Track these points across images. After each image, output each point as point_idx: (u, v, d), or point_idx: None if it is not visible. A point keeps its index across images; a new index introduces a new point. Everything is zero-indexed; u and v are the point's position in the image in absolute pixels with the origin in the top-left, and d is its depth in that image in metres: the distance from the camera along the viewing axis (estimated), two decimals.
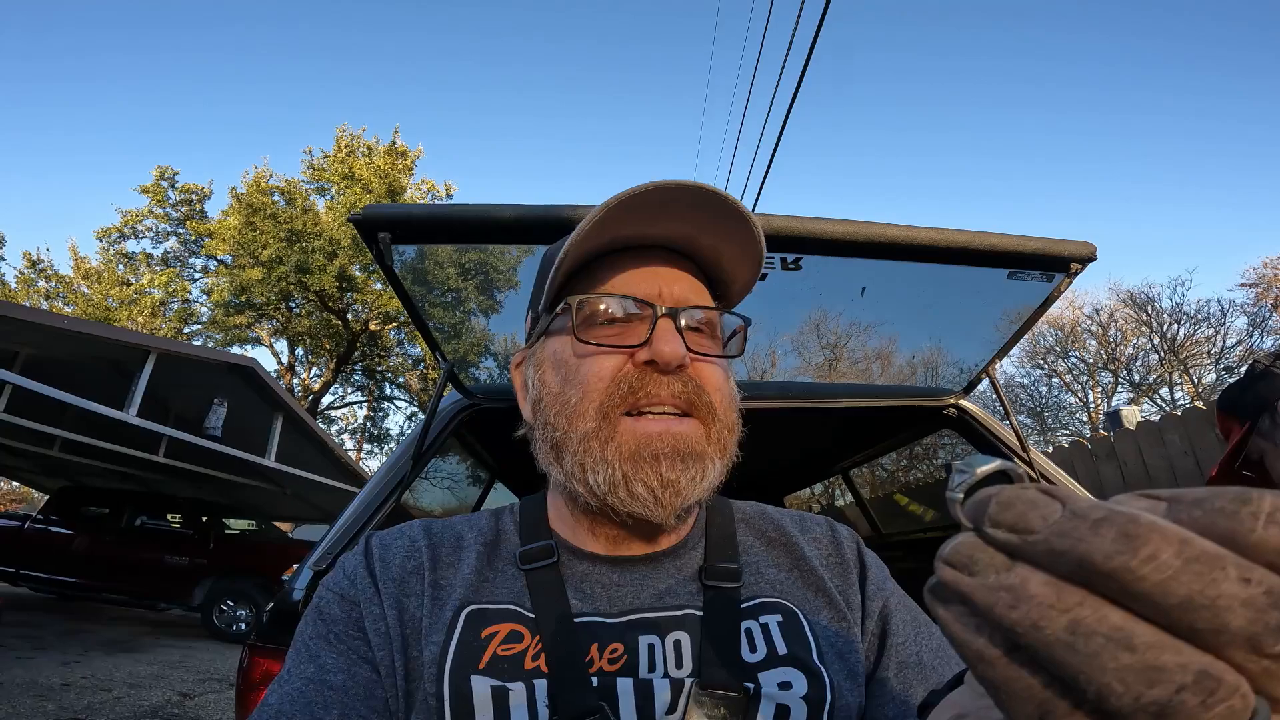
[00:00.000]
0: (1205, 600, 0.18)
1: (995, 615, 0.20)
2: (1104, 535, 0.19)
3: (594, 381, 0.62)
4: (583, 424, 0.61)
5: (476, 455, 2.61)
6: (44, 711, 4.50)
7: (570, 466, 0.62)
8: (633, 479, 0.59)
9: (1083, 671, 0.19)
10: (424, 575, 0.64)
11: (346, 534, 1.55)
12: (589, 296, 0.63)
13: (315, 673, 0.58)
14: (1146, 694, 0.18)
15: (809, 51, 4.13)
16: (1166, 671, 0.18)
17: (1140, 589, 0.18)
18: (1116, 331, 20.63)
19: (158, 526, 9.72)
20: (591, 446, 0.61)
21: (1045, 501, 0.20)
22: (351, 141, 20.36)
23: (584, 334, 0.63)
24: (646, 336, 0.61)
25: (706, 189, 0.59)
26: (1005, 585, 0.20)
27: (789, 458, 3.02)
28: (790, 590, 0.66)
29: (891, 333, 2.45)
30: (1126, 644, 0.18)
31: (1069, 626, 0.19)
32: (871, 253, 1.35)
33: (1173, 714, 0.18)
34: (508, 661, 0.58)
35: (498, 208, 1.25)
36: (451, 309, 8.17)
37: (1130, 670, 0.18)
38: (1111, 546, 0.18)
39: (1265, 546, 0.18)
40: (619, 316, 0.63)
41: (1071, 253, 1.35)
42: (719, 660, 0.58)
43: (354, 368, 22.88)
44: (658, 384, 0.61)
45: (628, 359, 0.62)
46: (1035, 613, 0.19)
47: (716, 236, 0.64)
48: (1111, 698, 0.18)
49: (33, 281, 19.69)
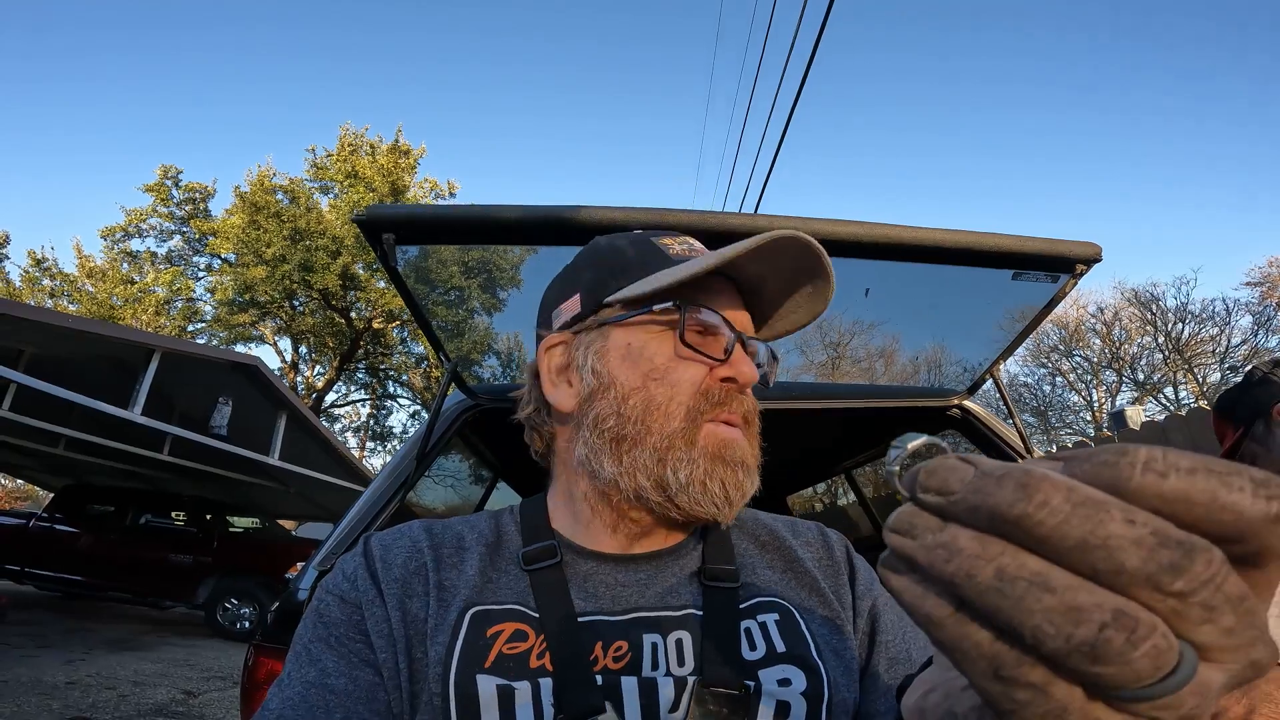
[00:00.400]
0: (1097, 540, 0.19)
1: (935, 571, 0.22)
2: (1005, 487, 0.21)
3: (687, 385, 0.64)
4: (669, 423, 0.63)
5: (480, 455, 2.61)
6: (49, 710, 4.52)
7: (643, 460, 0.63)
8: (713, 477, 0.62)
9: (1015, 615, 0.20)
10: (427, 576, 0.64)
11: (351, 534, 1.56)
12: (703, 308, 0.66)
13: (316, 676, 0.58)
14: (1075, 633, 0.19)
15: (812, 51, 4.12)
16: (1085, 611, 0.19)
17: (1040, 533, 0.20)
18: (1121, 330, 20.58)
19: (162, 525, 9.73)
20: (677, 445, 0.63)
21: (962, 466, 0.22)
22: (355, 140, 20.36)
23: (688, 338, 0.65)
24: (723, 356, 0.65)
25: (826, 261, 0.65)
26: (940, 543, 0.22)
27: (792, 457, 3.02)
28: (786, 590, 0.68)
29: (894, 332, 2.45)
30: (1046, 586, 0.20)
31: (996, 573, 0.20)
32: (875, 253, 1.35)
33: (1103, 654, 0.19)
34: (513, 660, 0.58)
35: (501, 209, 1.25)
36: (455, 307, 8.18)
37: (1054, 611, 0.20)
38: (1011, 496, 0.20)
39: (1143, 492, 0.20)
40: (705, 332, 0.67)
41: (1077, 254, 1.35)
42: (720, 659, 0.59)
43: (357, 366, 22.90)
44: (736, 400, 0.66)
45: (709, 371, 0.65)
46: (967, 564, 0.21)
47: (788, 288, 0.70)
48: (1046, 640, 0.20)
49: (38, 280, 19.72)
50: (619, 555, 0.67)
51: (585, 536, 0.68)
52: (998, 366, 1.88)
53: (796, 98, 4.62)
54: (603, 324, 0.68)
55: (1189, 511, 0.20)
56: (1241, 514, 0.20)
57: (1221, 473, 0.20)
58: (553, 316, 0.73)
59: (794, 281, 0.68)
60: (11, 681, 5.10)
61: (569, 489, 0.71)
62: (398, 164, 20.16)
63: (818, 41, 4.06)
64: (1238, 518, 0.20)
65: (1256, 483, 0.20)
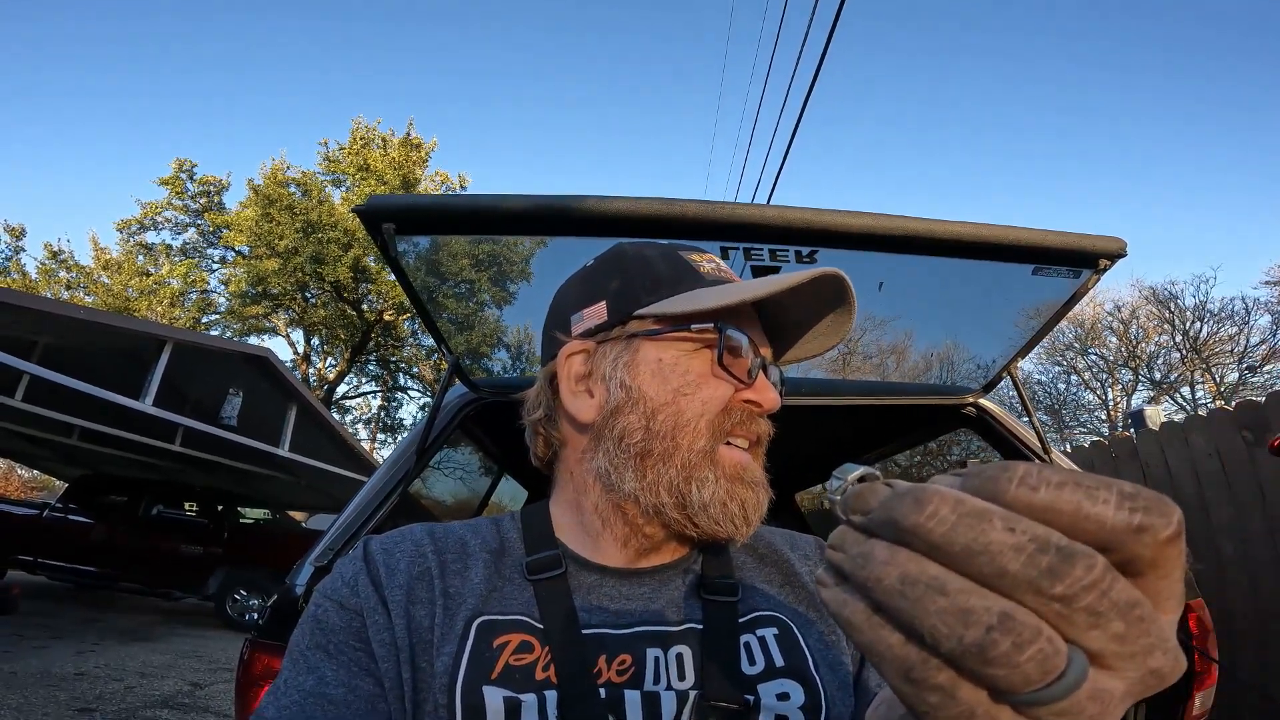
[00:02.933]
0: (979, 546, 0.21)
1: (854, 578, 0.24)
2: (904, 501, 0.23)
3: (715, 404, 0.65)
4: (697, 440, 0.63)
5: (484, 448, 2.59)
6: (56, 701, 4.55)
7: (670, 477, 0.63)
8: (732, 498, 0.63)
9: (915, 616, 0.22)
10: (433, 583, 0.62)
11: (349, 530, 1.54)
12: (742, 332, 0.66)
13: (314, 685, 0.57)
14: (965, 635, 0.21)
15: (826, 41, 4.06)
16: (974, 613, 0.21)
17: (932, 540, 0.22)
18: (1138, 329, 20.33)
19: (173, 516, 9.80)
20: (702, 463, 0.63)
21: (881, 489, 0.25)
22: (367, 134, 20.45)
23: (724, 360, 0.65)
24: (748, 379, 0.66)
25: (853, 298, 0.67)
26: (860, 553, 0.24)
27: (801, 454, 2.99)
28: (784, 605, 0.68)
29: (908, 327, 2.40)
30: (941, 589, 0.22)
31: (900, 578, 0.23)
32: (890, 246, 1.31)
33: (992, 657, 0.21)
34: (520, 672, 0.57)
35: (504, 198, 1.22)
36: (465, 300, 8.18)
37: (947, 612, 0.22)
38: (908, 509, 0.23)
39: (1019, 503, 0.22)
40: (735, 354, 0.66)
41: (1100, 248, 1.31)
42: (720, 673, 0.59)
43: (368, 358, 23.06)
44: (756, 423, 0.67)
45: (735, 392, 0.66)
46: (877, 569, 0.23)
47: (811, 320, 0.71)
48: (941, 640, 0.22)
49: (54, 272, 19.94)
50: (624, 569, 0.67)
51: (592, 549, 0.68)
52: (1015, 364, 1.83)
53: (810, 87, 4.57)
54: (632, 336, 0.67)
55: (1057, 521, 0.22)
56: (1104, 524, 0.22)
57: (1089, 486, 0.22)
58: (571, 320, 0.70)
59: (817, 313, 0.70)
60: (21, 673, 5.15)
61: (577, 500, 0.69)
62: (409, 157, 20.26)
63: (832, 31, 4.00)
64: (1100, 527, 0.22)
65: (1123, 495, 0.22)
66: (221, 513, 10.01)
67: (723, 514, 0.62)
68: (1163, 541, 0.22)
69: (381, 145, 20.38)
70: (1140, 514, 0.22)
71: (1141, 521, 0.22)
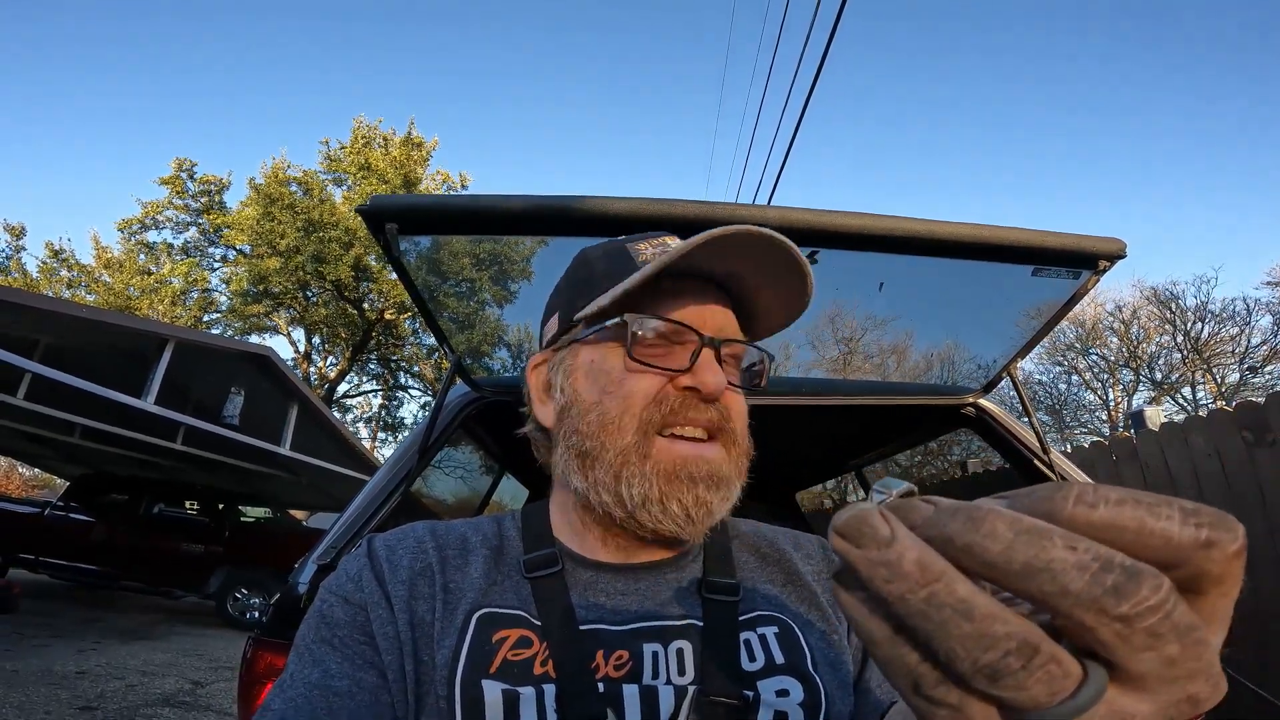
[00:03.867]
0: (1041, 564, 0.21)
1: (875, 588, 0.23)
2: (957, 519, 0.22)
3: (638, 398, 0.63)
4: (621, 438, 0.63)
5: (485, 447, 2.59)
6: (57, 699, 4.56)
7: (602, 477, 0.63)
8: (669, 497, 0.61)
9: (935, 637, 0.22)
10: (433, 577, 0.64)
11: (351, 528, 1.55)
12: (648, 318, 0.65)
13: (319, 678, 0.58)
14: (982, 658, 0.21)
15: (828, 41, 4.07)
16: (996, 639, 0.21)
17: (988, 558, 0.22)
18: (1139, 329, 20.30)
19: (175, 515, 9.80)
20: (631, 460, 0.62)
21: (922, 504, 0.24)
22: (368, 133, 20.47)
23: (636, 351, 0.64)
24: (688, 363, 0.64)
25: (784, 243, 0.61)
26: (884, 560, 0.23)
27: (802, 454, 2.99)
28: (785, 604, 0.68)
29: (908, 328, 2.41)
30: (967, 614, 0.22)
31: (926, 598, 0.22)
32: (891, 247, 1.32)
33: (1001, 676, 0.21)
34: (518, 666, 0.58)
35: (506, 198, 1.22)
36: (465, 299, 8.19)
37: (969, 637, 0.22)
38: (961, 527, 0.22)
39: (1078, 521, 0.22)
40: (665, 340, 0.65)
41: (1100, 249, 1.31)
42: (720, 669, 0.60)
43: (369, 357, 23.06)
44: (696, 409, 0.63)
45: (668, 381, 0.64)
46: (903, 586, 0.22)
47: (767, 280, 0.66)
48: (955, 661, 0.22)
49: (55, 271, 19.95)
50: (619, 565, 0.67)
51: (583, 546, 0.69)
52: (1015, 364, 1.84)
53: (811, 88, 4.57)
54: (573, 342, 0.69)
55: (1119, 539, 0.21)
56: (1170, 540, 0.21)
57: (1150, 503, 0.22)
58: (543, 334, 0.76)
59: (771, 280, 0.66)
60: (23, 671, 5.15)
61: (563, 500, 0.72)
62: (410, 156, 20.27)
63: (833, 32, 4.00)
64: (1166, 543, 0.21)
65: (1185, 511, 0.22)
66: (222, 511, 10.01)
67: (662, 513, 0.61)
68: (1230, 556, 0.22)
69: (383, 144, 20.40)
70: (1207, 529, 0.21)
71: (1209, 536, 0.21)
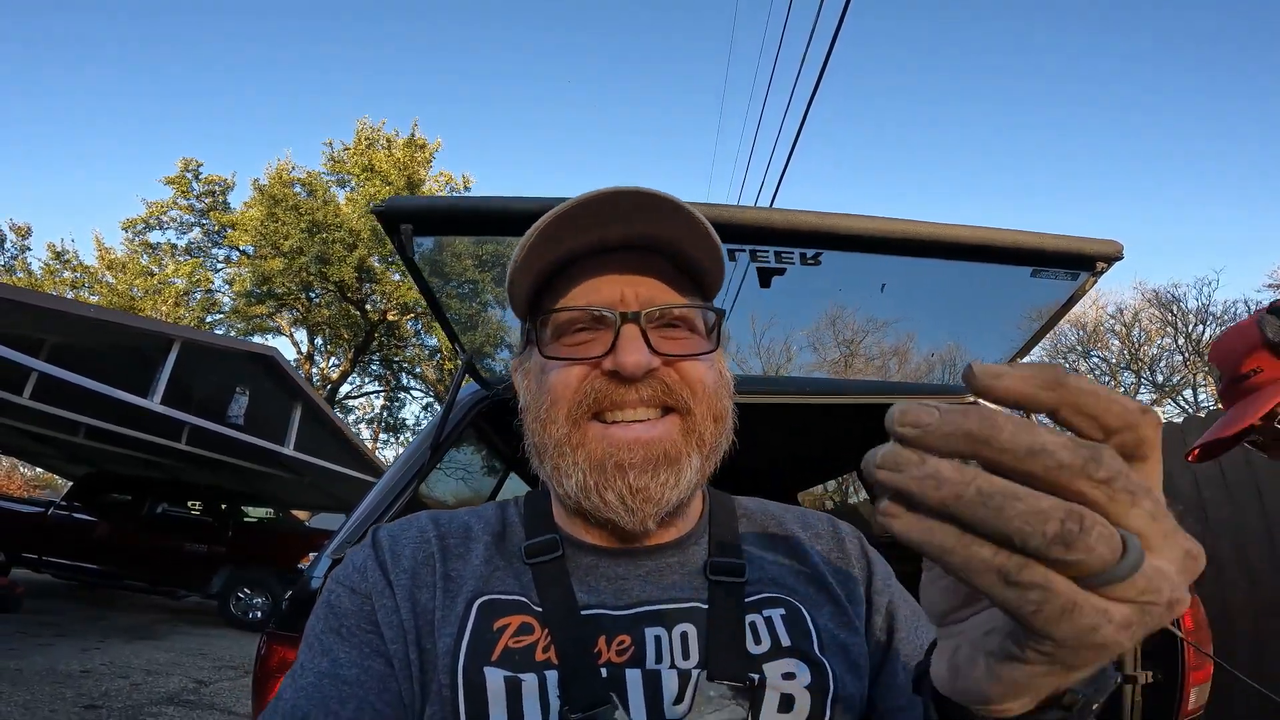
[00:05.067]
0: (1039, 446, 0.25)
1: (929, 499, 0.25)
2: (970, 416, 0.25)
3: (560, 390, 0.63)
4: (555, 430, 0.63)
5: (492, 446, 2.62)
6: (61, 698, 4.58)
7: (550, 471, 0.65)
8: (602, 487, 0.61)
9: (999, 523, 0.24)
10: (435, 566, 0.65)
11: (365, 523, 1.57)
12: (550, 312, 0.65)
13: (328, 666, 0.59)
14: (1045, 529, 0.24)
15: (831, 42, 4.09)
16: (1047, 511, 0.24)
17: (1002, 444, 0.25)
18: (1140, 331, 20.30)
19: (178, 514, 9.80)
20: (565, 452, 0.63)
21: (927, 407, 0.26)
22: (371, 134, 20.50)
23: (550, 348, 0.65)
24: (611, 344, 0.62)
25: (631, 191, 0.60)
26: (927, 474, 0.25)
27: (803, 454, 3.00)
28: (792, 585, 0.67)
29: (909, 329, 2.43)
30: (1015, 495, 0.24)
31: (977, 492, 0.25)
32: (894, 249, 1.34)
33: (1072, 540, 0.24)
34: (519, 653, 0.59)
35: (518, 200, 1.25)
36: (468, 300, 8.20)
37: (1026, 514, 0.24)
38: (978, 421, 0.25)
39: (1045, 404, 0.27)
40: (589, 325, 0.65)
41: (1098, 251, 1.34)
42: (725, 652, 0.59)
43: (371, 358, 23.06)
44: (624, 391, 0.62)
45: (593, 368, 0.63)
46: (952, 488, 0.25)
47: (671, 231, 0.65)
48: (1027, 539, 0.24)
49: (58, 271, 19.97)
50: (618, 549, 0.67)
51: (577, 531, 0.69)
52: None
53: (814, 90, 4.59)
54: (528, 343, 0.71)
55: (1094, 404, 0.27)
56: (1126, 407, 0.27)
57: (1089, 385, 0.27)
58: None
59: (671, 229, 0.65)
60: (27, 670, 5.17)
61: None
62: (413, 158, 20.29)
63: (836, 34, 4.03)
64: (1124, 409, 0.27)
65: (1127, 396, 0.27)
66: (225, 511, 10.02)
67: (601, 503, 0.61)
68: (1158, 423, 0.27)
69: (386, 146, 20.42)
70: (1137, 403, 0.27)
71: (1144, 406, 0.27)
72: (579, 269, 0.66)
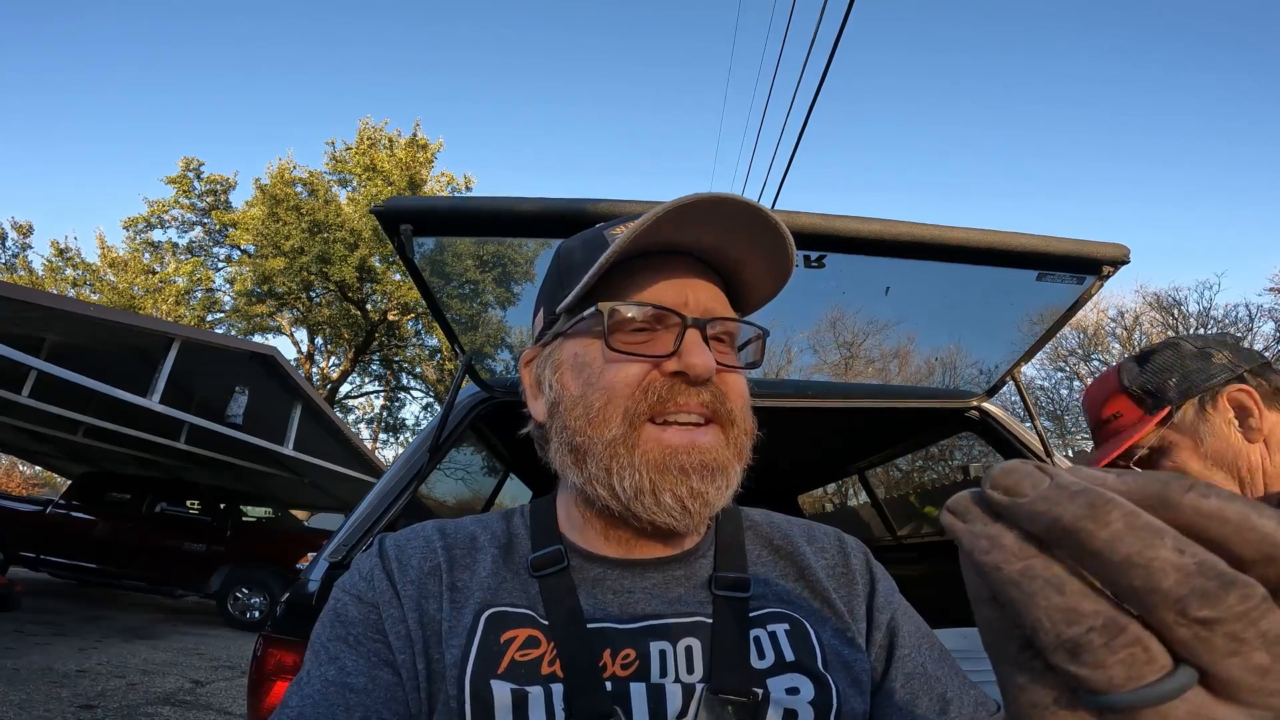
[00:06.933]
0: (1142, 560, 0.21)
1: (975, 558, 0.24)
2: (1077, 503, 0.22)
3: (621, 388, 0.62)
4: (608, 430, 0.61)
5: (492, 448, 2.61)
6: (58, 698, 4.56)
7: (594, 471, 0.62)
8: (661, 488, 0.60)
9: (1024, 607, 0.23)
10: (441, 577, 0.64)
11: (363, 525, 1.56)
12: (622, 304, 0.63)
13: (336, 675, 0.58)
14: (1065, 631, 0.22)
15: (834, 44, 4.08)
16: (1083, 615, 0.22)
17: (1093, 546, 0.22)
18: (1141, 335, 20.31)
19: (176, 513, 9.79)
20: (619, 452, 0.61)
21: (1039, 475, 0.24)
22: (373, 134, 20.51)
23: (614, 340, 0.62)
24: (674, 346, 0.62)
25: (751, 205, 0.59)
26: (985, 534, 0.24)
27: (804, 457, 3.00)
28: (796, 600, 0.67)
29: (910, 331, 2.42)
30: (1059, 588, 0.22)
31: (1022, 570, 0.23)
32: (898, 252, 1.33)
33: (1082, 650, 0.22)
34: (525, 666, 0.58)
35: (519, 201, 1.24)
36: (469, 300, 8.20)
37: (1056, 609, 0.22)
38: (1080, 511, 0.22)
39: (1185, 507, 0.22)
40: (648, 324, 0.63)
41: (1104, 255, 1.33)
42: (729, 666, 0.59)
43: (372, 357, 23.08)
44: (686, 394, 0.61)
45: (654, 367, 0.62)
46: (1000, 556, 0.24)
47: (746, 251, 0.65)
48: (1040, 632, 0.23)
49: (60, 270, 19.99)
50: (626, 560, 0.67)
51: (588, 541, 0.68)
52: (1019, 368, 1.85)
53: (817, 92, 4.59)
54: (557, 335, 0.68)
55: (1221, 530, 0.21)
56: (1268, 535, 0.21)
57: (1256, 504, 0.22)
58: (533, 329, 0.75)
59: (751, 248, 0.64)
60: (24, 669, 5.16)
61: (566, 495, 0.71)
62: (415, 158, 20.30)
63: (839, 34, 4.02)
64: (1264, 538, 0.21)
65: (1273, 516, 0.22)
66: (224, 510, 10.00)
67: (655, 505, 0.60)
68: None
69: (388, 146, 20.43)
70: None
71: None
72: (640, 266, 0.65)
